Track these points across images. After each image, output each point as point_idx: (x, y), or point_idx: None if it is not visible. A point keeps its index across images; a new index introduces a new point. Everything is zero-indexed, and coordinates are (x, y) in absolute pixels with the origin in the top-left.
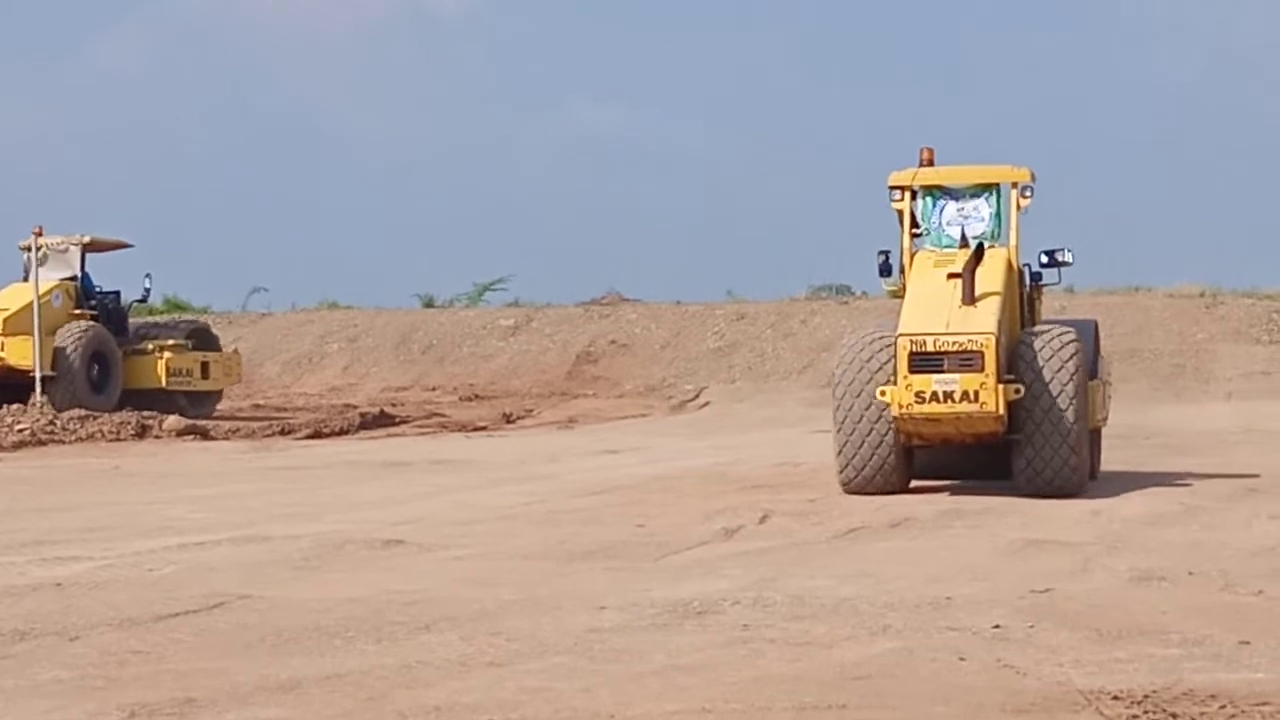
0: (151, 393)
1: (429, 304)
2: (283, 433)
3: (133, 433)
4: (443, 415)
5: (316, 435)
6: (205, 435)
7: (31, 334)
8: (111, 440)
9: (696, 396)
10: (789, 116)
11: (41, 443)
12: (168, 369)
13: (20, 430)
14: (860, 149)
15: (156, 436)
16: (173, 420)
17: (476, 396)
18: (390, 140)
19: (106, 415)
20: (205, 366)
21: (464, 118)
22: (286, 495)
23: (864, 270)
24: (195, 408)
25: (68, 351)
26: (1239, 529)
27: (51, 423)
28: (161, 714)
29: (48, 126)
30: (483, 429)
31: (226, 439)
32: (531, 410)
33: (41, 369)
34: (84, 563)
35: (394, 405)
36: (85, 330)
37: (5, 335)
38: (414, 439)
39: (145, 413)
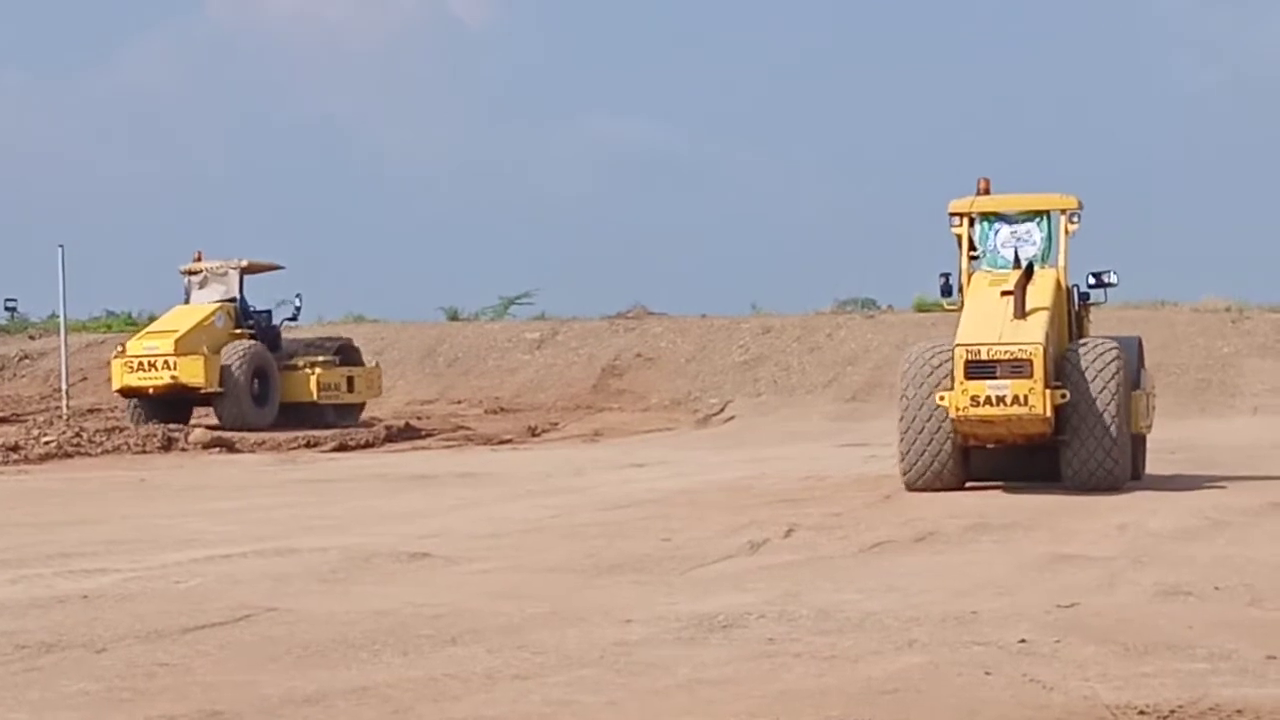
0: (303, 406)
1: (454, 317)
2: (308, 445)
3: (158, 445)
4: (468, 428)
5: (342, 448)
6: (231, 448)
7: (200, 354)
8: (137, 453)
9: (722, 410)
10: (814, 131)
11: (68, 455)
12: (319, 384)
13: (47, 442)
14: (885, 164)
15: (182, 449)
16: (199, 433)
17: (502, 410)
18: (415, 153)
19: (132, 427)
20: (351, 381)
21: (488, 131)
22: (312, 508)
23: (889, 284)
24: (342, 419)
25: (234, 369)
26: (1266, 544)
27: (78, 434)
28: None
29: (72, 139)
30: (508, 442)
31: (252, 452)
32: (557, 424)
33: (210, 386)
34: (110, 575)
35: (419, 418)
36: (248, 349)
37: (177, 355)
38: (439, 452)
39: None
